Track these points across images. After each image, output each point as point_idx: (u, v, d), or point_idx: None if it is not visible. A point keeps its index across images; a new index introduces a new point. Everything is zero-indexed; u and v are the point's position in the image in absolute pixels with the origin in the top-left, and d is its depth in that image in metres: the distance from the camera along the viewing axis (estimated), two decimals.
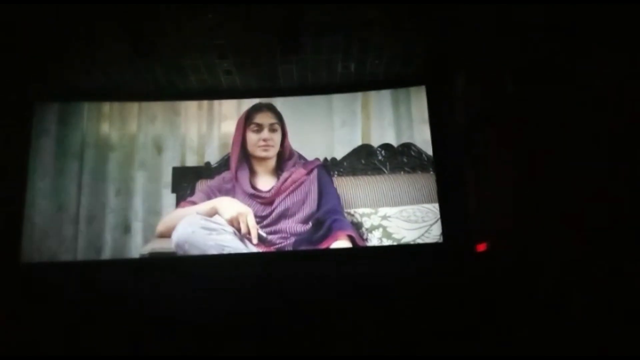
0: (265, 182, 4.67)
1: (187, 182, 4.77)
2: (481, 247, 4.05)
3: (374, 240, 4.58)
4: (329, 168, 4.80)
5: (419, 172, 4.81)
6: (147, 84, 4.83)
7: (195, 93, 4.99)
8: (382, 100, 4.99)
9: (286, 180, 4.62)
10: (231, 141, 4.76)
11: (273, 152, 4.69)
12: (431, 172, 4.77)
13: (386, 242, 4.57)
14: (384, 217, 4.64)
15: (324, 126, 4.93)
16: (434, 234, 4.59)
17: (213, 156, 4.87)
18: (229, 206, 4.43)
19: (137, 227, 4.64)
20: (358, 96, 5.01)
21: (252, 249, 4.33)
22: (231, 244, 4.27)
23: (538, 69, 3.25)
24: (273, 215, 4.52)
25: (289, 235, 4.47)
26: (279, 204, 4.55)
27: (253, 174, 4.69)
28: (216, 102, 5.03)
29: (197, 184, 4.75)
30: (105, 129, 4.92)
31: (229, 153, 4.78)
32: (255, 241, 4.33)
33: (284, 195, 4.58)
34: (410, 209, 4.66)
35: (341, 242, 4.37)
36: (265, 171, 4.70)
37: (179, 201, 4.68)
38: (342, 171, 4.83)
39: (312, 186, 4.63)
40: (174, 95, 5.00)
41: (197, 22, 3.92)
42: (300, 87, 4.97)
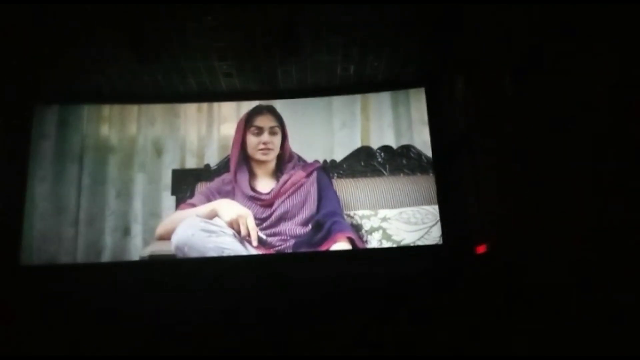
0: (265, 184, 4.67)
1: (186, 184, 4.78)
2: (481, 249, 4.04)
3: (374, 242, 4.58)
4: (328, 170, 4.80)
5: (419, 174, 4.81)
6: (147, 86, 4.83)
7: (194, 95, 5.00)
8: (381, 102, 5.00)
9: (286, 182, 4.62)
10: (231, 143, 4.76)
11: (273, 155, 4.69)
12: (431, 174, 4.77)
13: (386, 244, 4.57)
14: (384, 219, 4.64)
15: (324, 128, 4.94)
16: (433, 236, 4.59)
17: (213, 158, 4.88)
18: (228, 208, 4.42)
19: (136, 229, 4.64)
20: (357, 98, 5.02)
21: (252, 251, 4.32)
22: (231, 246, 4.27)
23: (537, 70, 3.24)
24: (273, 218, 4.52)
25: (288, 238, 4.47)
26: (278, 206, 4.55)
27: (253, 176, 4.69)
28: (216, 105, 5.04)
29: (197, 186, 4.75)
30: (105, 131, 4.93)
31: (228, 155, 4.79)
32: (255, 243, 4.33)
33: (283, 197, 4.57)
34: (410, 211, 4.67)
35: (341, 244, 4.37)
36: (264, 173, 4.70)
37: (178, 203, 4.68)
38: (341, 173, 4.83)
39: (311, 188, 4.63)
40: (174, 98, 5.00)
41: (196, 24, 3.93)
42: (300, 89, 4.97)
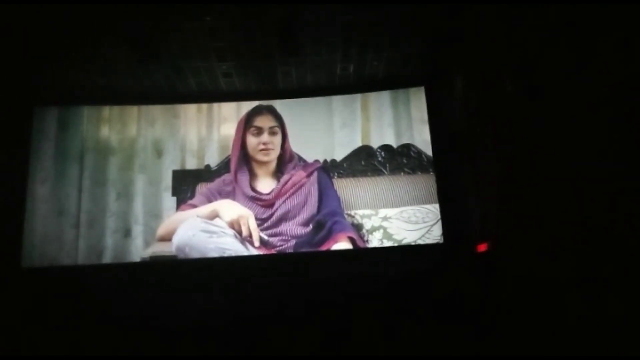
0: (266, 184, 4.67)
1: (187, 185, 4.77)
2: (482, 247, 4.04)
3: (375, 241, 4.58)
4: (329, 170, 4.79)
5: (419, 173, 4.81)
6: (147, 87, 4.83)
7: (194, 96, 5.00)
8: (381, 101, 4.99)
9: (286, 182, 4.61)
10: (231, 144, 4.76)
11: (274, 156, 4.68)
12: (431, 173, 4.77)
13: (387, 243, 4.57)
14: (385, 218, 4.64)
15: (324, 128, 4.94)
16: (434, 235, 4.59)
17: (213, 159, 4.87)
18: (229, 209, 4.42)
19: (137, 230, 4.64)
20: (357, 97, 5.01)
21: (253, 251, 4.32)
22: (232, 246, 4.27)
23: (537, 68, 3.24)
24: (274, 218, 4.52)
25: (289, 238, 4.46)
26: (279, 207, 4.55)
27: (253, 176, 4.69)
28: (215, 105, 5.03)
29: (197, 187, 4.75)
30: (105, 132, 4.92)
31: (228, 156, 4.78)
32: (257, 244, 4.32)
33: (284, 197, 4.57)
34: (410, 210, 4.66)
35: (342, 244, 4.37)
36: (265, 174, 4.70)
37: (179, 204, 4.68)
38: (342, 173, 4.83)
39: (312, 188, 4.62)
40: (174, 98, 5.00)
41: (195, 25, 3.92)
42: (300, 89, 4.96)
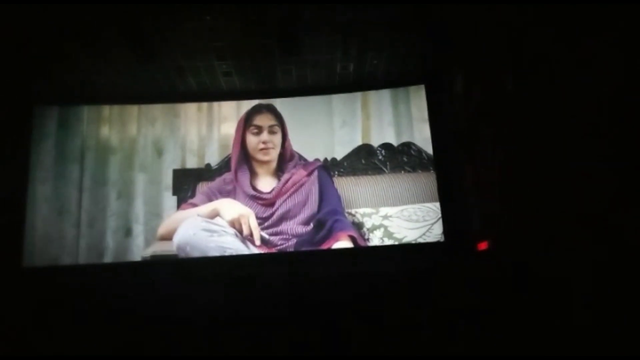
0: (266, 183, 4.67)
1: (187, 184, 4.77)
2: (482, 246, 4.04)
3: (376, 240, 4.58)
4: (329, 168, 4.79)
5: (420, 171, 4.81)
6: (147, 86, 4.83)
7: (194, 95, 4.99)
8: (381, 99, 4.98)
9: (287, 181, 4.61)
10: (231, 143, 4.76)
11: (274, 155, 4.68)
12: (431, 171, 4.76)
13: (387, 242, 4.57)
14: (385, 217, 4.64)
15: (324, 126, 4.93)
16: (435, 233, 4.59)
17: (213, 158, 4.87)
18: (230, 208, 4.42)
19: (138, 230, 4.64)
20: (357, 96, 5.01)
21: (254, 250, 4.32)
22: (232, 245, 4.27)
23: (538, 67, 3.24)
24: (274, 217, 4.52)
25: (290, 237, 4.46)
26: (280, 206, 4.55)
27: (254, 175, 4.69)
28: (215, 104, 5.03)
29: (198, 186, 4.75)
30: (105, 131, 4.92)
31: (229, 155, 4.78)
32: (258, 243, 4.32)
33: (285, 196, 4.57)
34: (411, 208, 4.66)
35: (342, 243, 4.37)
36: (265, 173, 4.70)
37: (179, 203, 4.68)
38: (342, 171, 4.82)
39: (312, 187, 4.62)
40: (174, 98, 5.00)
41: (195, 24, 3.92)
42: (300, 88, 4.96)
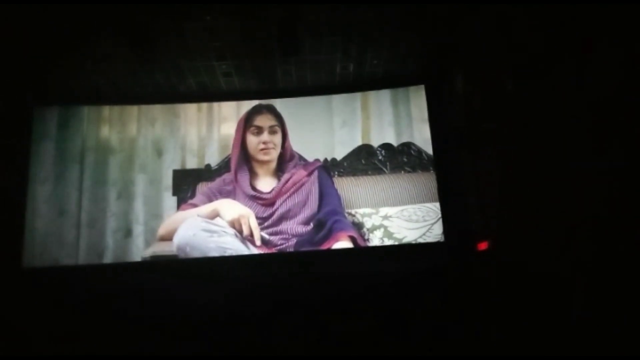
0: (266, 183, 4.67)
1: (187, 184, 4.77)
2: (482, 246, 4.04)
3: (376, 240, 4.57)
4: (329, 169, 4.79)
5: (420, 172, 4.80)
6: (147, 86, 4.83)
7: (194, 95, 4.99)
8: (381, 99, 4.98)
9: (287, 181, 4.61)
10: (231, 143, 4.75)
11: (274, 155, 4.67)
12: (431, 171, 4.76)
13: (387, 242, 4.56)
14: (385, 217, 4.63)
15: (324, 127, 4.93)
16: (435, 233, 4.59)
17: (213, 158, 4.87)
18: (230, 208, 4.42)
19: (138, 230, 4.64)
20: (357, 96, 5.00)
21: (254, 250, 4.32)
22: (232, 246, 4.27)
23: (538, 67, 3.24)
24: (274, 217, 4.51)
25: (290, 237, 4.46)
26: (280, 206, 4.54)
27: (253, 175, 4.68)
28: (215, 104, 5.02)
29: (198, 187, 4.74)
30: (105, 132, 4.92)
31: (229, 155, 4.78)
32: (258, 243, 4.31)
33: (285, 196, 4.57)
34: (411, 209, 4.66)
35: (342, 243, 4.36)
36: (265, 173, 4.70)
37: (179, 204, 4.68)
38: (342, 171, 4.82)
39: (312, 187, 4.62)
40: (174, 98, 4.99)
41: (195, 24, 3.92)
42: (299, 88, 4.95)
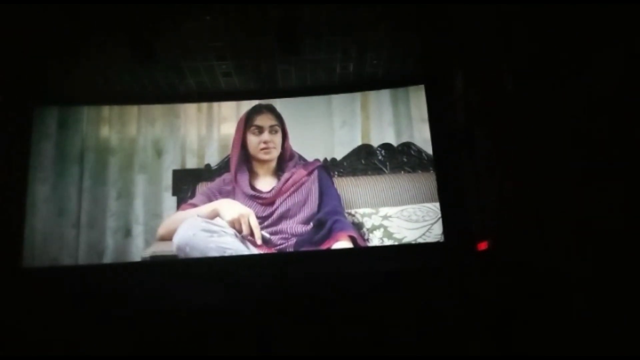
0: (266, 183, 4.66)
1: (187, 184, 4.77)
2: (482, 246, 4.04)
3: (375, 240, 4.57)
4: (329, 168, 4.79)
5: (419, 172, 4.80)
6: (146, 86, 4.83)
7: (194, 95, 4.99)
8: (381, 99, 4.98)
9: (287, 181, 4.61)
10: (231, 143, 4.75)
11: (275, 154, 4.67)
12: (431, 171, 4.76)
13: (387, 242, 4.56)
14: (385, 217, 4.63)
15: (324, 127, 4.93)
16: (435, 233, 4.58)
17: (213, 158, 4.87)
18: (230, 208, 4.42)
19: (138, 230, 4.63)
20: (357, 96, 5.00)
21: (254, 250, 4.31)
22: (232, 246, 4.26)
23: (538, 67, 3.24)
24: (274, 217, 4.51)
25: (289, 236, 4.46)
26: (279, 205, 4.54)
27: (253, 175, 4.68)
28: (215, 104, 5.02)
29: (198, 187, 4.74)
30: (105, 132, 4.92)
31: (229, 155, 4.77)
32: (259, 242, 4.30)
33: (284, 196, 4.56)
34: (411, 209, 4.65)
35: (342, 243, 4.35)
36: (265, 172, 4.70)
37: (179, 204, 4.67)
38: (342, 171, 4.82)
39: (312, 187, 4.62)
40: (173, 98, 4.99)
41: (195, 24, 3.93)
42: (299, 88, 4.96)
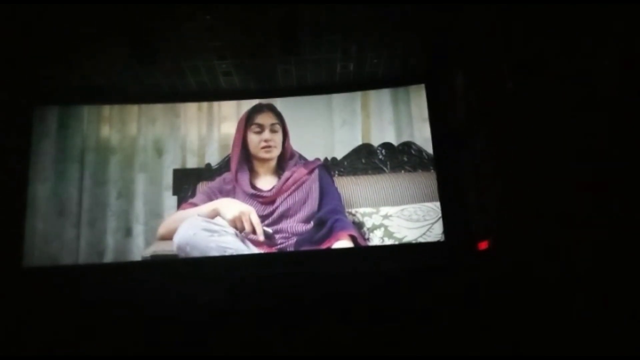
0: (266, 182, 4.66)
1: (187, 184, 4.77)
2: (483, 245, 4.04)
3: (376, 239, 4.57)
4: (329, 168, 4.79)
5: (420, 171, 4.80)
6: (147, 86, 4.83)
7: (194, 95, 4.99)
8: (381, 99, 4.97)
9: (287, 180, 4.60)
10: (231, 142, 4.75)
11: (276, 153, 4.67)
12: (432, 171, 4.75)
13: (388, 242, 4.56)
14: (385, 217, 4.63)
15: (324, 126, 4.93)
16: (435, 233, 4.58)
17: (213, 157, 4.87)
18: (230, 206, 4.41)
19: (138, 229, 4.63)
20: (357, 95, 5.00)
21: (254, 250, 4.32)
22: (233, 245, 4.26)
23: (538, 66, 3.23)
24: (274, 215, 4.51)
25: (290, 235, 4.45)
26: (280, 204, 4.54)
27: (254, 174, 4.68)
28: (216, 104, 5.02)
29: (198, 186, 4.74)
30: (106, 131, 4.92)
31: (229, 154, 4.78)
32: (261, 238, 4.29)
33: (285, 194, 4.56)
34: (411, 208, 4.65)
35: (343, 242, 4.35)
36: (266, 171, 4.70)
37: (180, 203, 4.68)
38: (342, 171, 4.82)
39: (313, 185, 4.62)
40: (174, 97, 4.99)
41: (195, 23, 3.93)
42: (300, 87, 4.96)
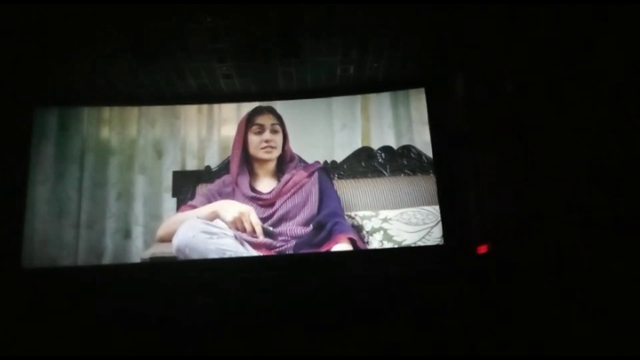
0: (266, 184, 4.67)
1: (187, 186, 4.77)
2: (482, 249, 4.04)
3: (375, 243, 4.57)
4: (329, 171, 4.79)
5: (419, 174, 4.80)
6: (147, 88, 4.83)
7: (194, 97, 5.00)
8: (381, 102, 4.99)
9: (287, 182, 4.61)
10: (231, 144, 4.76)
11: (276, 154, 4.68)
12: (431, 174, 4.76)
13: (387, 245, 4.56)
14: (385, 220, 4.63)
15: (324, 129, 4.94)
16: (434, 236, 4.58)
17: (213, 160, 4.87)
18: (230, 208, 4.42)
19: (137, 231, 4.63)
20: (357, 99, 5.01)
21: (253, 252, 4.31)
22: (232, 247, 4.27)
23: (538, 68, 3.24)
24: (274, 218, 4.51)
25: (289, 238, 4.45)
26: (279, 207, 4.54)
27: (253, 176, 4.68)
28: (216, 106, 5.04)
29: (198, 188, 4.74)
30: (106, 133, 4.93)
31: (229, 156, 4.78)
32: (262, 237, 4.30)
33: (285, 197, 4.56)
34: (410, 212, 4.65)
35: (342, 245, 4.36)
36: (265, 174, 4.70)
37: (179, 205, 4.68)
38: (342, 174, 4.82)
39: (313, 188, 4.62)
40: (174, 99, 5.00)
41: (196, 26, 3.93)
42: (300, 90, 4.96)
